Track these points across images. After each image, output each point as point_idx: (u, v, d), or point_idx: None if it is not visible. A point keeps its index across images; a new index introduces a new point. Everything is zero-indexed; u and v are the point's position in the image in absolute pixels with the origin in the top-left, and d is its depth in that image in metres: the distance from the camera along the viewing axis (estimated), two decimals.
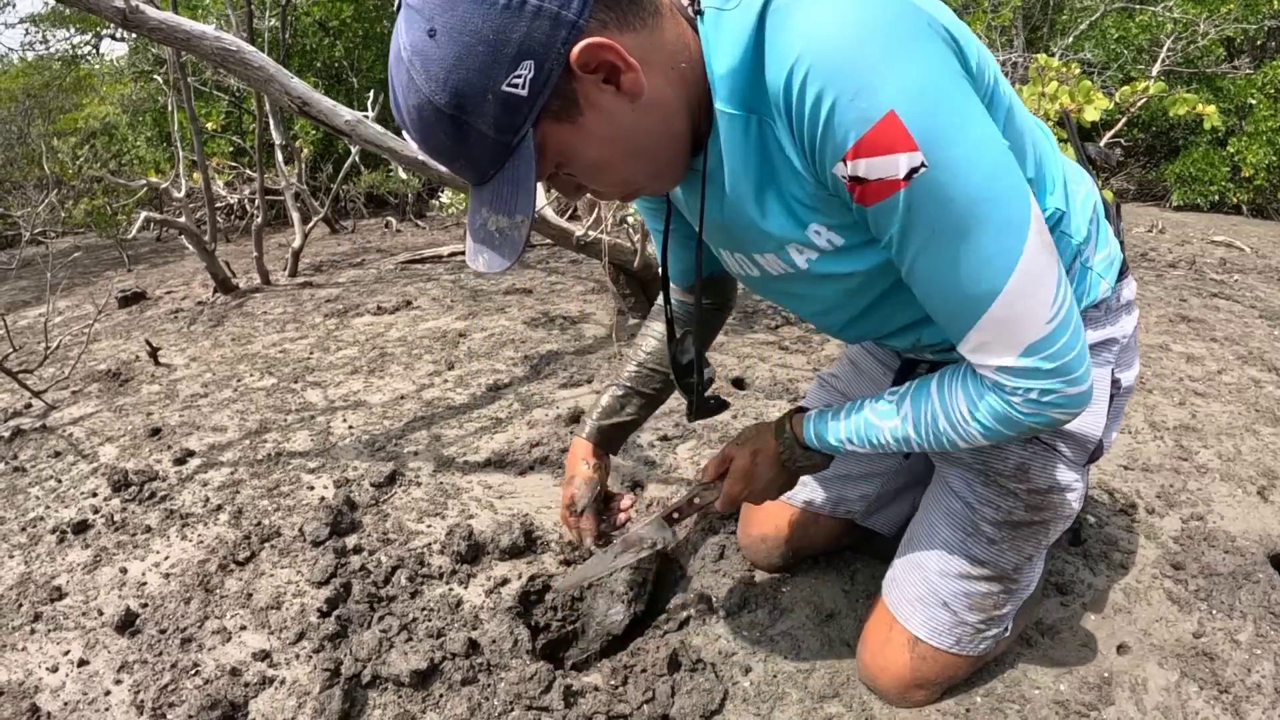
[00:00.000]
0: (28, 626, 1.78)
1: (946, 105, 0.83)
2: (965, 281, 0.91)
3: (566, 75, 0.83)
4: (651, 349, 1.52)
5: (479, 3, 0.79)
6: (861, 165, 0.84)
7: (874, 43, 0.80)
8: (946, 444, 1.09)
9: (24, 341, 4.44)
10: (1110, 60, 7.93)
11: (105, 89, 10.52)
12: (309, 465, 2.43)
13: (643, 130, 0.91)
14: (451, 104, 0.83)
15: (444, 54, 0.81)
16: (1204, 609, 1.63)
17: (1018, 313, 0.91)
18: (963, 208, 0.86)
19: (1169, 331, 3.40)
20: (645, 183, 1.01)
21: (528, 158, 0.86)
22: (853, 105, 0.81)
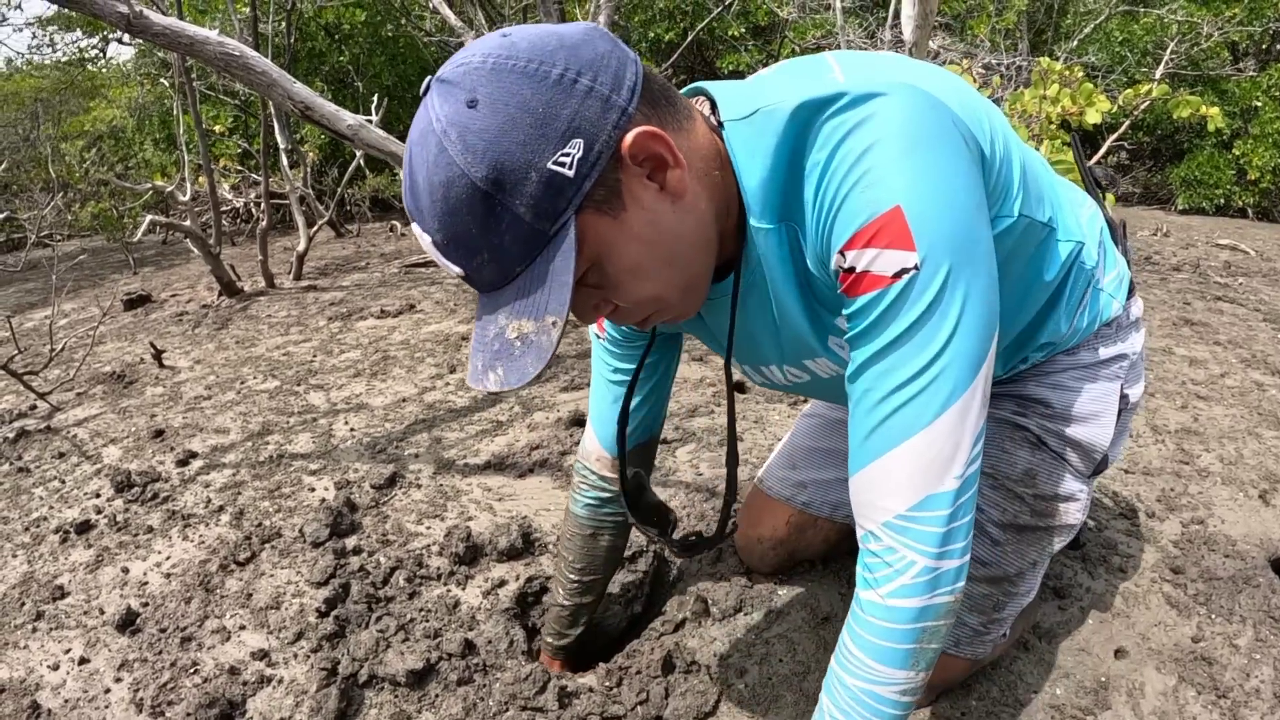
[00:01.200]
0: (30, 625, 1.79)
1: (953, 218, 0.81)
2: (903, 400, 0.84)
3: (614, 163, 0.78)
4: (583, 562, 1.48)
5: (528, 76, 0.75)
6: (861, 256, 0.82)
7: (900, 135, 0.79)
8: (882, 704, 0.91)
9: (29, 343, 4.47)
10: (1114, 63, 7.92)
11: (112, 92, 10.58)
12: (310, 467, 2.44)
13: (681, 235, 0.85)
14: (489, 179, 0.74)
15: (486, 124, 0.74)
16: (1203, 613, 1.62)
17: (934, 453, 0.84)
18: (936, 324, 0.82)
19: (1172, 335, 3.39)
20: (674, 299, 0.91)
21: (567, 249, 0.78)
22: (864, 193, 0.80)
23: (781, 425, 2.52)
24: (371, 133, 2.51)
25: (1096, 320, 1.21)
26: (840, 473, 1.64)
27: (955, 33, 7.30)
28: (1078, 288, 1.16)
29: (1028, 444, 1.26)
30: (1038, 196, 1.01)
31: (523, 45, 0.76)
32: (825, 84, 0.84)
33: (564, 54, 0.76)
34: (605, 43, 0.79)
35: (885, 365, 0.84)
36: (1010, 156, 0.95)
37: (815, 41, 7.59)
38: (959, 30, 7.45)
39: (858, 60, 0.90)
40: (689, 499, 2.07)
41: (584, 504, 1.45)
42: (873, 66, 0.88)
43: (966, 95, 0.91)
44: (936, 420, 0.84)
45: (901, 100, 0.81)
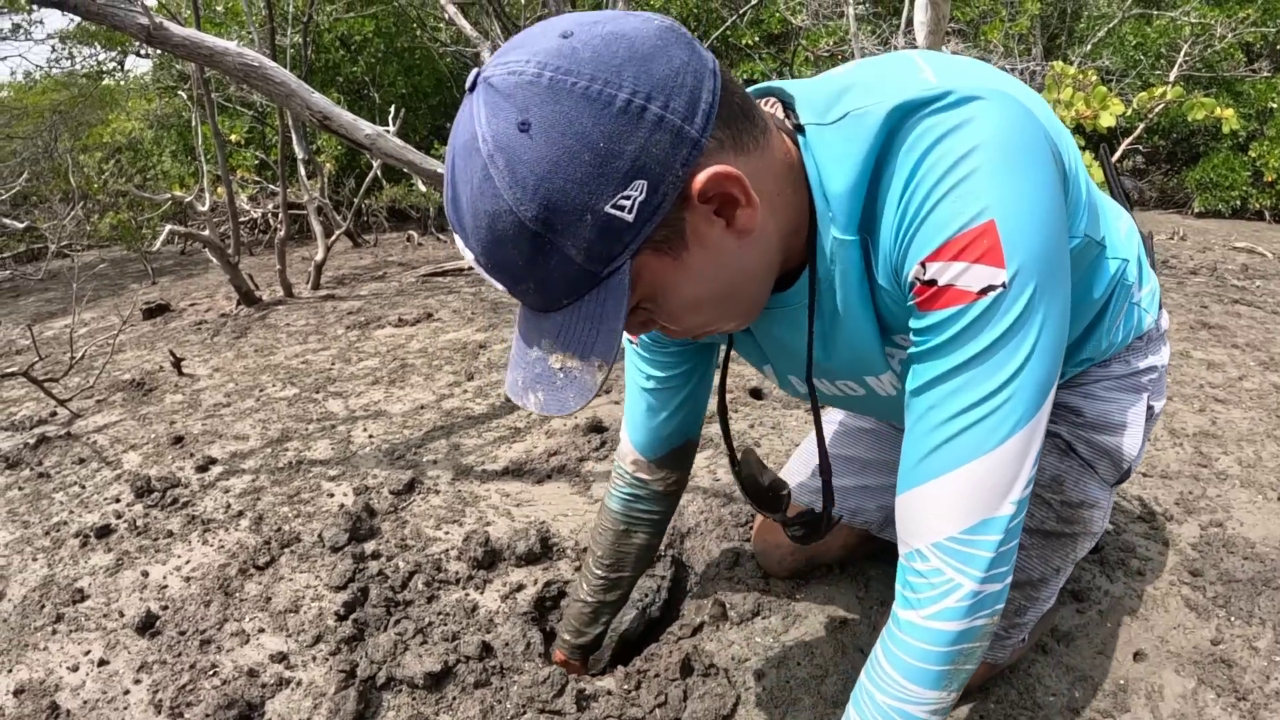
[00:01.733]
0: (50, 627, 1.82)
1: (1044, 237, 0.77)
2: (970, 423, 0.81)
3: (680, 203, 0.71)
4: (612, 558, 1.47)
5: (589, 100, 0.66)
6: (945, 269, 0.77)
7: (996, 151, 0.75)
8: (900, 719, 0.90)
9: (50, 351, 4.52)
10: (1129, 67, 7.89)
11: (130, 104, 10.70)
12: (329, 473, 2.46)
13: (743, 269, 0.80)
14: (539, 219, 0.68)
15: (539, 155, 0.66)
16: (1222, 616, 1.61)
17: (995, 478, 0.82)
18: (1015, 347, 0.78)
19: (1190, 338, 3.37)
20: (727, 324, 0.88)
21: (619, 293, 0.72)
22: (956, 203, 0.75)
23: (799, 431, 2.52)
24: (389, 142, 2.53)
25: (1131, 334, 1.21)
26: (859, 479, 1.64)
27: (969, 39, 7.29)
28: (1119, 304, 1.15)
29: (1057, 450, 1.26)
30: (1095, 215, 0.98)
31: (585, 55, 0.67)
32: (919, 84, 0.80)
33: (632, 70, 0.67)
34: (682, 49, 0.71)
35: (956, 385, 0.81)
36: (1079, 174, 0.92)
37: (829, 49, 7.59)
38: (972, 36, 7.44)
39: (945, 62, 0.86)
40: (706, 504, 2.07)
41: (619, 499, 1.44)
42: (962, 69, 0.84)
43: (1045, 107, 0.89)
44: (1002, 445, 0.80)
45: (1000, 108, 0.77)
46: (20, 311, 6.23)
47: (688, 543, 1.92)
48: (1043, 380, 0.80)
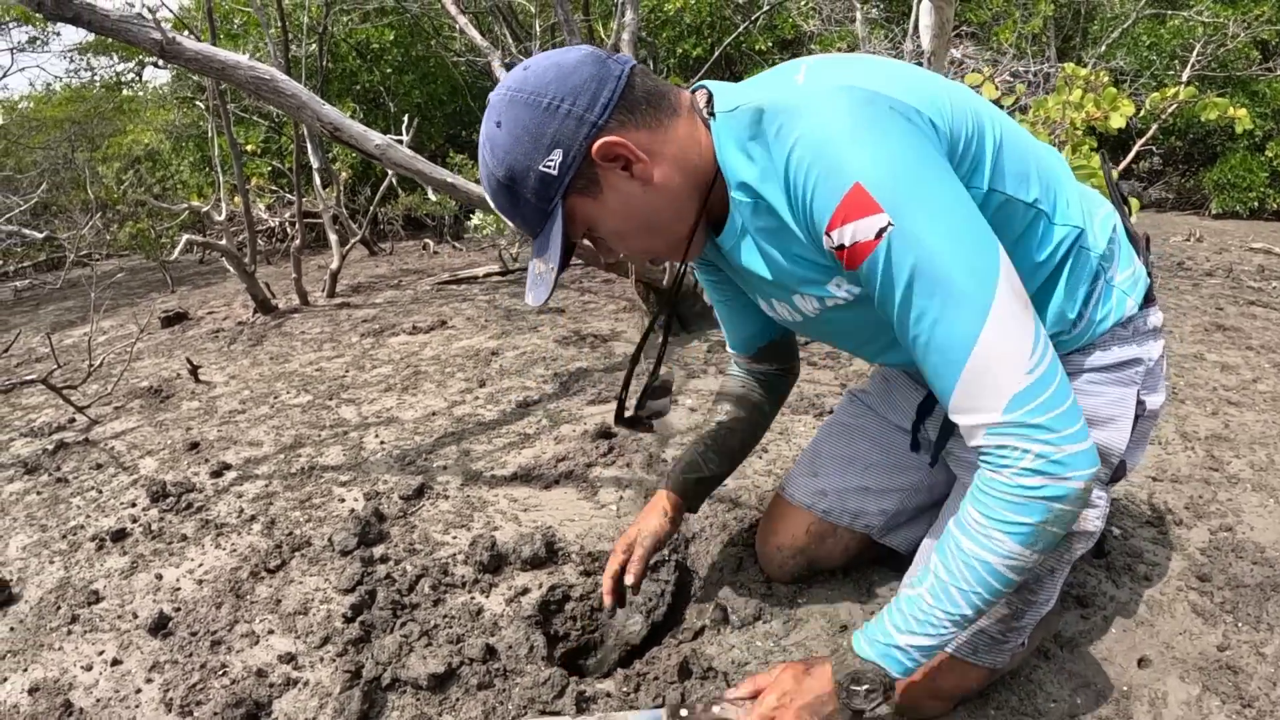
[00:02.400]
0: (65, 628, 1.85)
1: (907, 173, 0.96)
2: (941, 333, 0.98)
3: (588, 162, 1.06)
4: (729, 411, 1.65)
5: (527, 104, 1.05)
6: (844, 232, 0.98)
7: (843, 130, 0.96)
8: (990, 575, 1.02)
9: (69, 359, 4.59)
10: (1143, 68, 7.83)
11: (148, 115, 10.84)
12: (340, 478, 2.49)
13: (654, 208, 1.12)
14: (506, 176, 1.08)
15: (503, 141, 1.06)
16: (1229, 621, 1.60)
17: (995, 362, 0.96)
18: (932, 259, 0.96)
19: (1204, 340, 3.35)
20: (664, 251, 1.21)
21: (557, 221, 1.09)
22: (828, 183, 0.97)
23: (805, 436, 2.52)
24: (399, 152, 2.56)
25: (1110, 316, 1.23)
26: (860, 480, 1.65)
27: (981, 41, 7.27)
28: (1080, 272, 1.20)
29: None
30: (1019, 176, 1.11)
31: (531, 79, 1.06)
32: (784, 89, 1.05)
33: (555, 84, 1.05)
34: (592, 67, 1.06)
35: (914, 311, 0.99)
36: (982, 135, 1.08)
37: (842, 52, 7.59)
38: (985, 39, 7.42)
39: (824, 66, 1.07)
40: (711, 510, 2.08)
41: (735, 373, 1.69)
42: (833, 71, 1.05)
43: (923, 85, 1.05)
44: (982, 333, 0.96)
45: (839, 99, 0.98)
46: (40, 320, 6.33)
47: (692, 548, 1.93)
48: (980, 268, 0.97)
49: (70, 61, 17.15)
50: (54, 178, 9.86)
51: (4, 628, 1.89)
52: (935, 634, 1.07)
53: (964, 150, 1.05)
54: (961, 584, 1.04)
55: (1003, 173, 1.09)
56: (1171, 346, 3.27)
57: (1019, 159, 1.11)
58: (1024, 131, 1.20)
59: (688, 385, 3.09)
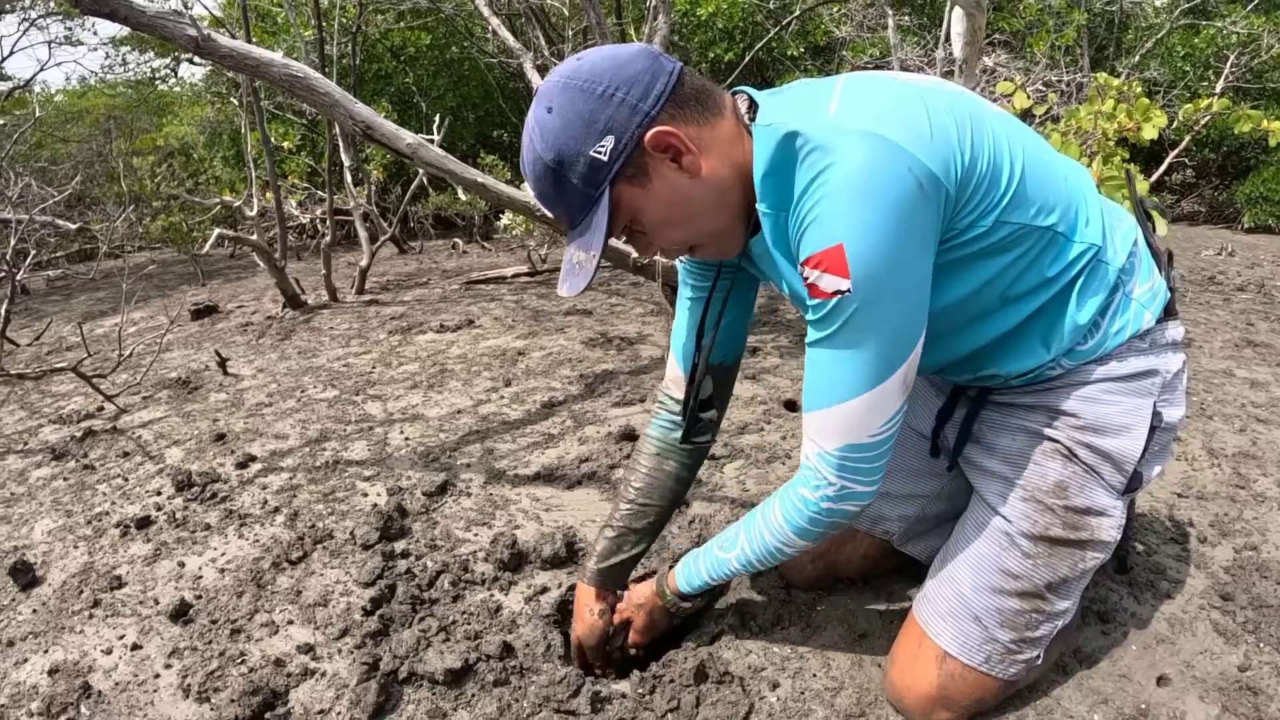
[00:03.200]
0: (87, 611, 1.89)
1: (885, 260, 1.04)
2: (835, 378, 1.14)
3: (639, 150, 1.08)
4: (643, 483, 1.59)
5: (581, 90, 1.06)
6: (813, 274, 1.07)
7: (853, 189, 1.01)
8: (771, 555, 1.33)
9: (99, 349, 4.66)
10: (1176, 78, 7.73)
11: (183, 110, 10.98)
12: (365, 473, 2.51)
13: (699, 200, 1.14)
14: (555, 161, 1.08)
15: (554, 125, 1.07)
16: (1251, 642, 1.58)
17: (854, 418, 1.15)
18: (862, 333, 1.09)
19: (1234, 356, 3.30)
20: (705, 242, 1.22)
21: (604, 208, 1.10)
22: (821, 229, 1.04)
23: None
24: (430, 151, 2.58)
25: (1127, 329, 1.25)
26: (882, 488, 1.63)
27: (1014, 50, 7.21)
28: (1096, 285, 1.22)
29: (1060, 456, 1.29)
30: (1036, 203, 1.16)
31: (585, 68, 1.08)
32: (816, 117, 1.08)
33: (610, 74, 1.07)
34: (645, 61, 1.09)
35: (826, 352, 1.14)
36: (998, 171, 1.12)
37: (873, 61, 7.56)
38: (1019, 47, 7.36)
39: (857, 95, 1.10)
40: (733, 514, 2.08)
41: (658, 426, 1.61)
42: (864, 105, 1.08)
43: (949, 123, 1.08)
44: (859, 396, 1.14)
45: (863, 149, 1.02)
46: (72, 310, 6.43)
47: None
48: (893, 356, 1.12)
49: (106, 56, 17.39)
50: (88, 170, 10.01)
51: (27, 609, 1.92)
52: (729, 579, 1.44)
53: (973, 193, 1.10)
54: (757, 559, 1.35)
55: (1018, 204, 1.14)
56: (1200, 362, 3.22)
57: (1039, 184, 1.15)
58: (1046, 148, 1.23)
59: None
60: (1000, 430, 1.39)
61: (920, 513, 1.64)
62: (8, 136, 8.76)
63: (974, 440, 1.45)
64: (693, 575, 1.46)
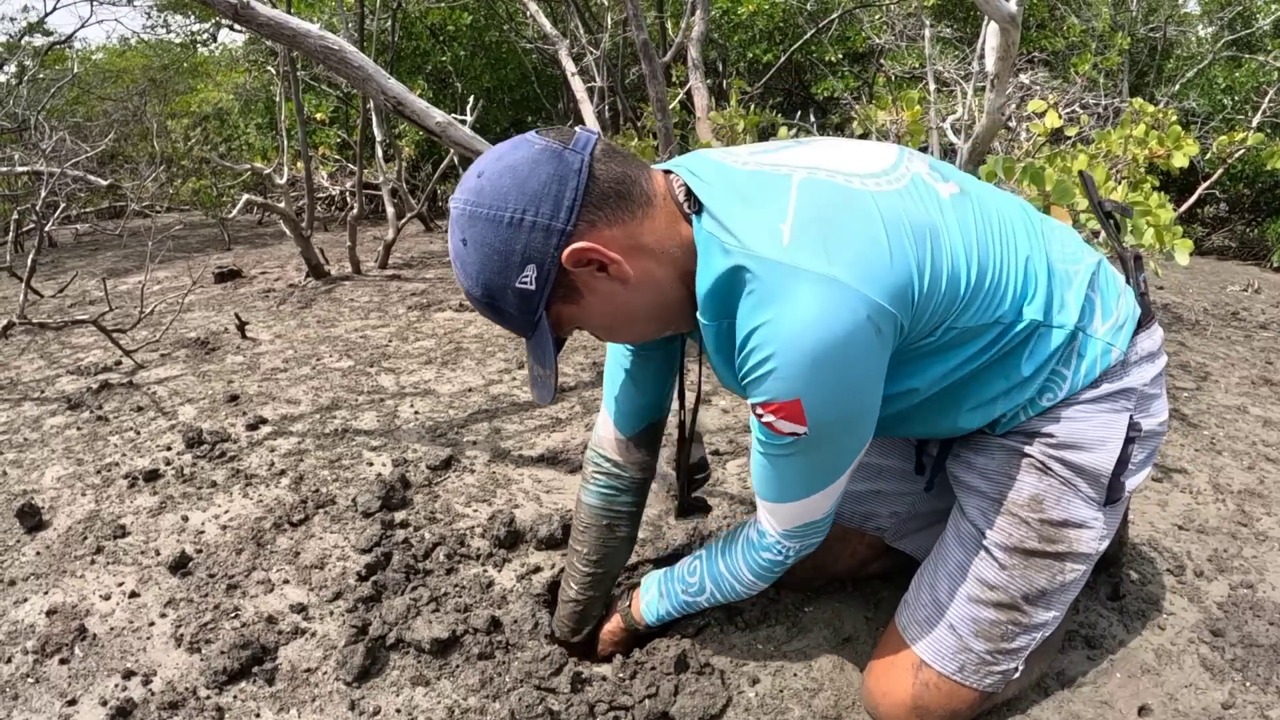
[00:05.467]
0: (89, 557, 1.93)
1: (843, 413, 1.08)
2: (785, 484, 1.21)
3: (563, 272, 1.03)
4: (597, 554, 1.57)
5: (490, 221, 1.01)
6: (767, 415, 1.08)
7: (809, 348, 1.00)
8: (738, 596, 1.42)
9: (121, 305, 4.72)
10: (1215, 110, 7.64)
11: (220, 76, 11.07)
12: (372, 443, 2.55)
13: (637, 303, 1.11)
14: (484, 295, 1.06)
15: (472, 259, 1.04)
16: (1237, 680, 1.57)
17: (806, 510, 1.23)
18: (812, 461, 1.15)
19: (1249, 394, 3.27)
20: (651, 336, 1.23)
21: (544, 331, 1.08)
22: (775, 382, 1.03)
23: None
24: (459, 131, 2.60)
25: (1096, 367, 1.25)
26: (871, 485, 1.65)
27: (1055, 70, 7.16)
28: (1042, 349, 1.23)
29: (1034, 469, 1.30)
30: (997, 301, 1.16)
31: (488, 190, 1.02)
32: (766, 245, 1.03)
33: (514, 194, 1.00)
34: (549, 167, 1.01)
35: (778, 464, 1.17)
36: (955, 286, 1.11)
37: (910, 70, 7.52)
38: (1057, 66, 7.30)
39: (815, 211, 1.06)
40: (731, 510, 2.10)
41: (598, 493, 1.55)
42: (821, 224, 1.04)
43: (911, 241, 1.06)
44: (799, 504, 1.22)
45: (818, 302, 0.99)
46: (97, 265, 6.52)
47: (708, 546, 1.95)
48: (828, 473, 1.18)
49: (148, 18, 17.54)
50: (122, 128, 10.10)
51: (31, 551, 1.97)
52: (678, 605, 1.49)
53: (930, 313, 1.10)
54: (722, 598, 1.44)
55: (969, 310, 1.14)
56: (1215, 397, 3.20)
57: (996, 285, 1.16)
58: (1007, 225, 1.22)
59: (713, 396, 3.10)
60: (979, 448, 1.39)
61: (911, 509, 1.65)
62: (45, 90, 8.86)
63: (954, 455, 1.46)
64: (658, 608, 1.51)
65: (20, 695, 1.51)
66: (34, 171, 5.91)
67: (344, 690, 1.49)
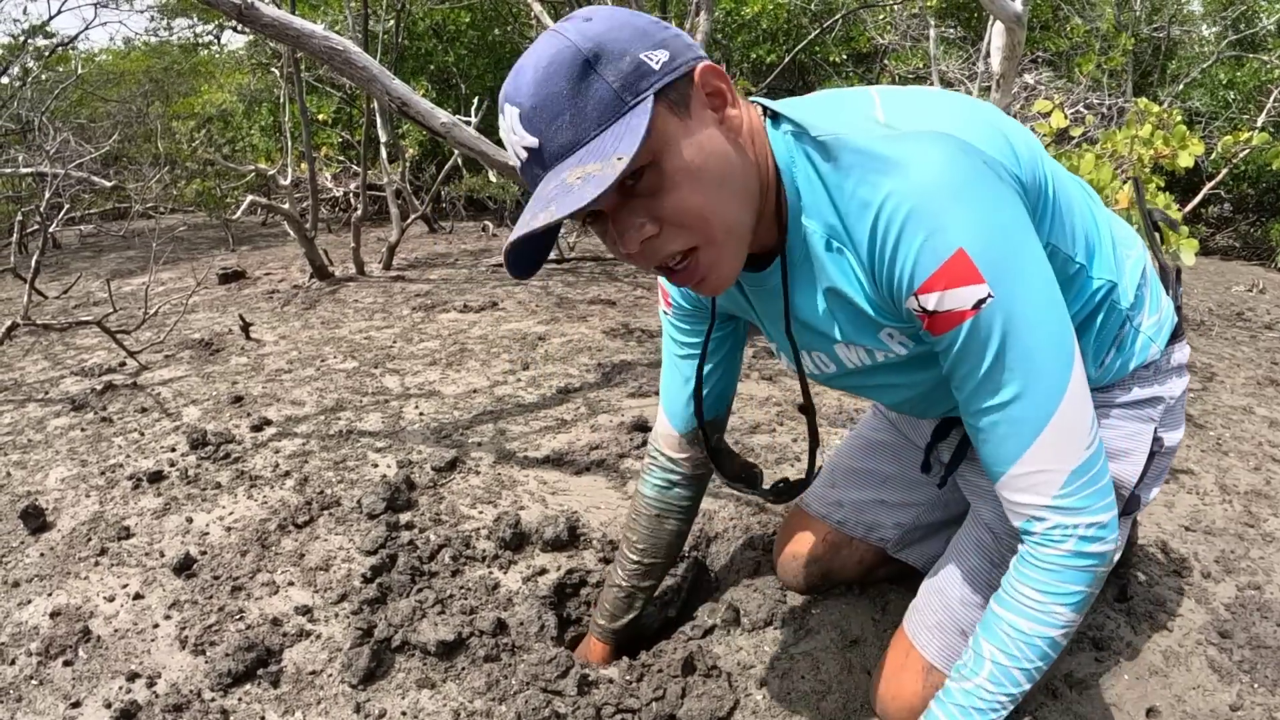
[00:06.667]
0: (93, 559, 1.93)
1: (1009, 244, 0.92)
2: (1018, 410, 0.97)
3: (688, 80, 0.90)
4: (646, 544, 1.56)
5: (632, 14, 0.90)
6: (937, 299, 0.93)
7: (945, 189, 0.90)
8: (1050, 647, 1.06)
9: (125, 306, 4.73)
10: (1219, 109, 7.62)
11: (223, 77, 11.08)
12: (377, 445, 2.54)
13: (732, 164, 0.93)
14: (592, 50, 0.86)
15: (597, 28, 0.87)
16: (1245, 681, 1.57)
17: (1062, 438, 0.98)
18: (1024, 335, 0.94)
19: (1255, 394, 3.26)
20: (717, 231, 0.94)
21: (643, 113, 0.85)
22: (926, 245, 0.91)
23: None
24: (464, 131, 2.60)
25: (1131, 361, 1.22)
26: (877, 494, 1.64)
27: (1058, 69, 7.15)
28: (1108, 327, 1.18)
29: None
30: (1070, 230, 1.08)
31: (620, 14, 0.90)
32: (864, 124, 0.95)
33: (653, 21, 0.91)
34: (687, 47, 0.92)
35: (993, 385, 0.97)
36: (1046, 185, 1.03)
37: (914, 71, 7.52)
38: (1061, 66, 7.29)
39: (901, 102, 0.99)
40: (737, 512, 2.09)
41: (653, 485, 1.54)
42: (914, 110, 0.97)
43: (998, 129, 0.99)
44: (1054, 416, 0.96)
45: (930, 152, 0.91)
46: (101, 266, 6.53)
47: (713, 547, 1.94)
48: (1057, 348, 0.96)
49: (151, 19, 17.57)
50: (126, 130, 10.12)
51: (35, 553, 1.97)
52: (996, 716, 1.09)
53: (1034, 203, 1.01)
54: (1025, 664, 1.06)
55: (1057, 225, 1.06)
56: (1221, 397, 3.19)
57: (1068, 209, 1.08)
58: (1064, 172, 1.16)
59: None
60: None
61: (915, 520, 1.64)
62: (49, 92, 8.88)
63: (969, 458, 1.44)
64: None
65: (24, 697, 1.51)
66: (38, 173, 5.93)
67: (349, 693, 1.48)
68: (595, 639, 1.61)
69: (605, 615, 1.59)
